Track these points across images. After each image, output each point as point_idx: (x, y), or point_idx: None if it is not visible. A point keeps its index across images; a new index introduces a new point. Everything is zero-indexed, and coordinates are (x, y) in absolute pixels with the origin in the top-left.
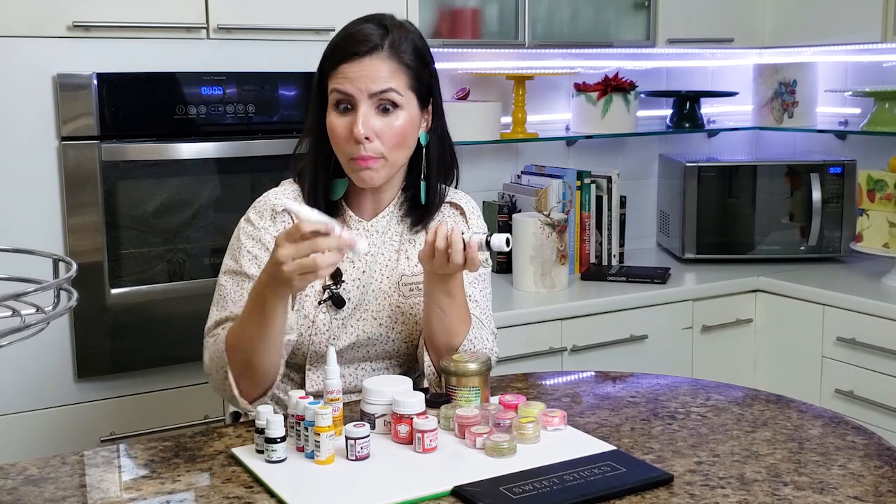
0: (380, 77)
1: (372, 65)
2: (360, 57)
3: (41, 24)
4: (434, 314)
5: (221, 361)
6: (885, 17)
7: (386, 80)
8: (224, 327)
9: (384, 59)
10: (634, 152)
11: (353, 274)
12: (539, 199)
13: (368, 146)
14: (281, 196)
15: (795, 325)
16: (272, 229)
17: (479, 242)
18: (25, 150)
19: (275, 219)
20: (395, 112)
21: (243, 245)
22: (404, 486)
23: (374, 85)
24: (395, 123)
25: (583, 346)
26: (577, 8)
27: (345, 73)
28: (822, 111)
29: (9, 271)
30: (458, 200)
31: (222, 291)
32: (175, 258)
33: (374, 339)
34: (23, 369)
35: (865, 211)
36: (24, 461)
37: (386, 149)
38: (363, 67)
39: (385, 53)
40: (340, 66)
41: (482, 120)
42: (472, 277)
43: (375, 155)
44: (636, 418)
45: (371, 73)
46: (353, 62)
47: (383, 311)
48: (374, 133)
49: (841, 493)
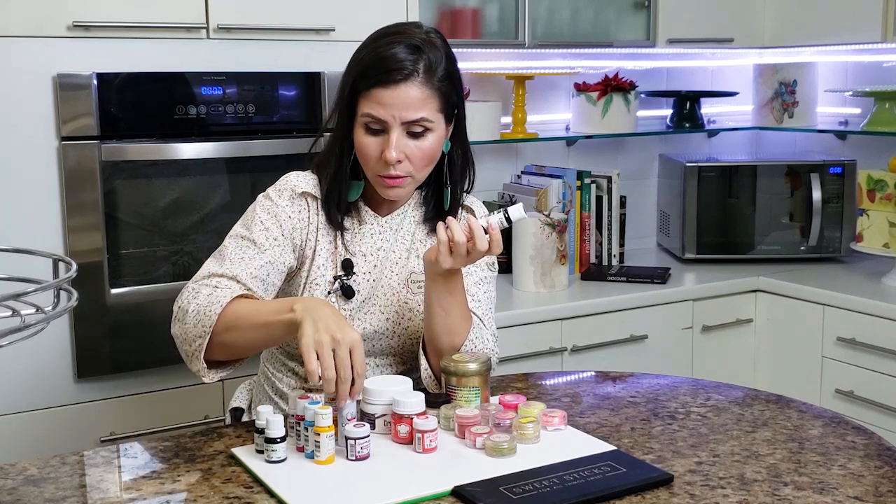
0: (413, 105)
1: (406, 92)
2: (396, 84)
3: (41, 24)
4: (437, 315)
5: (207, 320)
6: (885, 17)
7: (419, 109)
8: (218, 284)
9: (418, 87)
10: (634, 152)
11: (365, 267)
12: (539, 199)
13: (399, 167)
14: (302, 181)
15: (795, 325)
16: (289, 209)
17: (498, 221)
18: (25, 150)
19: (293, 200)
20: (425, 135)
21: (258, 215)
22: (404, 486)
23: (408, 114)
24: (424, 146)
25: (583, 346)
26: (577, 8)
27: (378, 98)
28: (822, 111)
29: (9, 271)
30: (469, 203)
31: (223, 251)
32: (175, 258)
33: (379, 334)
34: (23, 369)
35: (865, 211)
36: (24, 461)
37: (414, 169)
38: (397, 95)
39: (419, 80)
40: (373, 90)
41: (482, 120)
42: (477, 278)
43: (404, 174)
44: (636, 418)
45: (405, 101)
46: (388, 89)
47: (391, 306)
48: (405, 156)
49: (841, 493)
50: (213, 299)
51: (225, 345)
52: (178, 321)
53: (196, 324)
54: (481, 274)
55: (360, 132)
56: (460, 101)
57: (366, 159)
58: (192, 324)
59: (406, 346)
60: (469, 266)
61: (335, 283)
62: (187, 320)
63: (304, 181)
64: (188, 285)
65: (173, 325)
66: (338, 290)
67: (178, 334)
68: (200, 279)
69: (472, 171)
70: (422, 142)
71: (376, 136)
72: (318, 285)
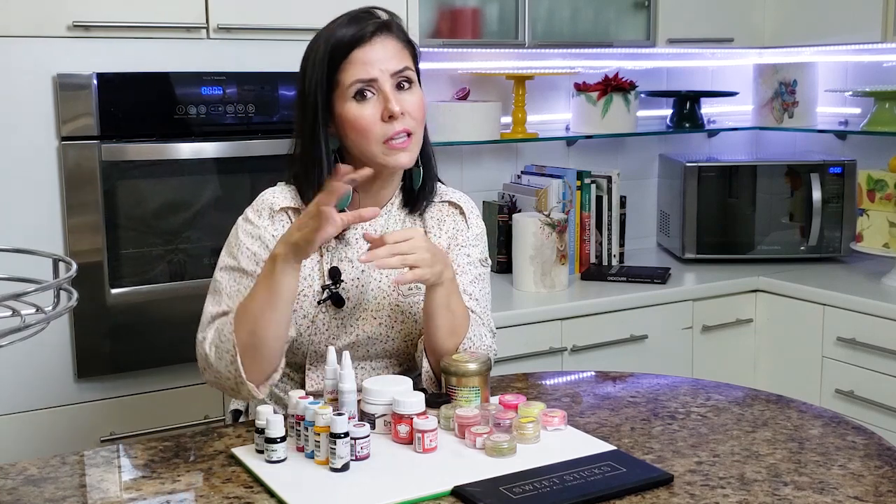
0: (395, 55)
1: (385, 43)
2: (371, 38)
3: (41, 24)
4: (442, 317)
5: (228, 344)
6: (885, 17)
7: (401, 58)
8: (221, 320)
9: (392, 38)
10: (634, 152)
11: (352, 273)
12: (539, 199)
13: (403, 121)
14: (279, 196)
15: (795, 325)
16: (270, 228)
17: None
18: (25, 150)
19: (273, 218)
20: (412, 88)
21: (242, 242)
22: (404, 486)
23: (393, 64)
24: (414, 98)
25: (583, 346)
26: (577, 8)
27: (361, 58)
28: (822, 111)
29: (9, 271)
30: (456, 200)
31: (218, 287)
32: (175, 258)
33: (373, 339)
34: (23, 369)
35: (865, 211)
36: (24, 461)
37: (415, 122)
38: (377, 48)
39: (392, 32)
40: (352, 52)
41: (482, 120)
42: (472, 276)
43: (409, 129)
44: (636, 418)
45: (387, 53)
46: (366, 45)
47: (383, 310)
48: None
49: (841, 493)
50: (222, 333)
51: (255, 349)
52: (206, 370)
53: (220, 358)
54: (475, 272)
55: (351, 106)
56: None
57: (366, 130)
58: (217, 361)
59: (402, 348)
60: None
61: (324, 292)
62: (211, 362)
63: (282, 196)
64: (197, 336)
65: (204, 375)
66: (327, 300)
67: (213, 380)
68: (205, 326)
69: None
70: (410, 94)
71: (366, 101)
72: (306, 296)
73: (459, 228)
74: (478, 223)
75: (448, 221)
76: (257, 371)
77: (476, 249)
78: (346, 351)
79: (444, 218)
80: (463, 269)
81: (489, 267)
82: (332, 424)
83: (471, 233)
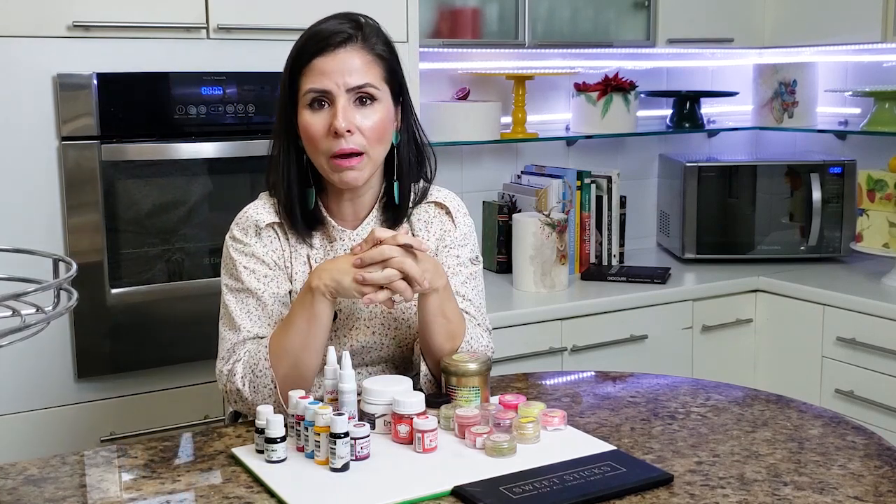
0: (356, 70)
1: (347, 56)
2: (335, 49)
3: (41, 24)
4: (439, 325)
5: (265, 379)
6: (885, 17)
7: (363, 74)
8: (245, 347)
9: (359, 51)
10: (634, 152)
11: None
12: (539, 199)
13: (350, 139)
14: (262, 212)
15: (795, 325)
16: (259, 246)
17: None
18: (25, 150)
19: (259, 234)
20: (373, 105)
21: (237, 262)
22: (404, 486)
23: (351, 79)
24: (374, 116)
25: (583, 346)
26: (577, 8)
27: (319, 67)
28: (822, 111)
29: (9, 271)
30: (442, 200)
31: (229, 311)
32: (175, 258)
33: (368, 347)
34: (23, 369)
35: (865, 211)
36: (24, 461)
37: (367, 143)
38: (338, 60)
39: (359, 44)
40: (313, 61)
41: (482, 120)
42: (463, 277)
43: (358, 149)
44: (636, 418)
45: (347, 66)
46: (327, 55)
47: (375, 318)
48: (354, 126)
49: (841, 493)
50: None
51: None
52: (236, 402)
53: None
54: (466, 272)
55: (305, 114)
56: (404, 87)
57: (313, 139)
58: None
59: (397, 354)
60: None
61: None
62: (245, 397)
63: (265, 212)
64: (221, 369)
65: (231, 405)
66: None
67: (244, 410)
68: (228, 357)
69: (429, 163)
70: (370, 111)
71: (320, 110)
72: None
73: (447, 229)
74: (465, 221)
75: (435, 223)
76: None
77: (465, 249)
78: (346, 351)
79: (431, 220)
80: (453, 270)
81: (480, 264)
82: (332, 424)
83: (458, 232)
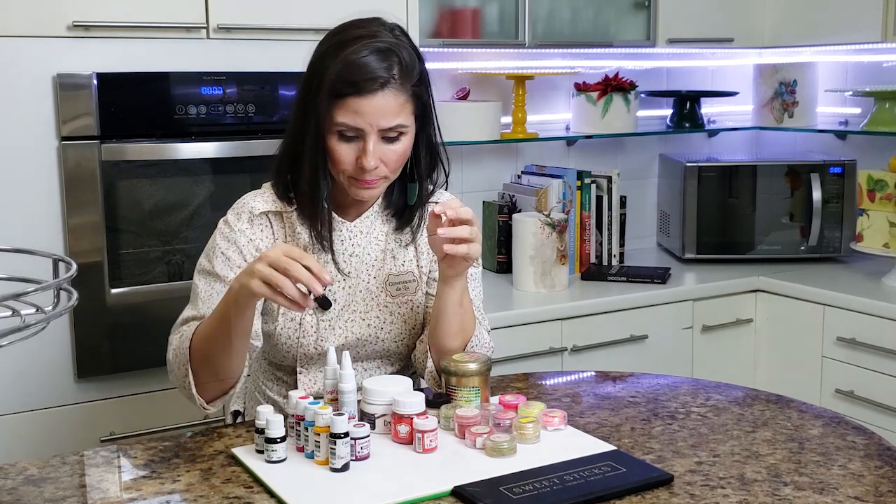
0: (390, 113)
1: (383, 100)
2: (372, 94)
3: (41, 24)
4: (455, 314)
5: (183, 358)
6: (885, 17)
7: (395, 116)
8: (190, 325)
9: (394, 94)
10: (634, 152)
11: (339, 276)
12: (539, 199)
13: (376, 171)
14: (259, 200)
15: (795, 325)
16: (248, 232)
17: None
18: (25, 150)
19: (252, 222)
20: (400, 139)
21: (218, 246)
22: (404, 486)
23: (385, 121)
24: (399, 150)
25: (583, 346)
26: (577, 8)
27: (353, 107)
28: (822, 111)
29: (9, 271)
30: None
31: (195, 290)
32: (175, 258)
33: (363, 341)
34: (23, 369)
35: (865, 211)
36: (24, 461)
37: (390, 171)
38: (373, 104)
39: (395, 87)
40: (347, 99)
41: (482, 120)
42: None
43: (380, 177)
44: (636, 418)
45: (381, 110)
46: (363, 98)
47: (371, 311)
48: (380, 160)
49: (841, 493)
50: (183, 338)
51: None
52: (170, 373)
53: (179, 366)
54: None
55: (333, 139)
56: (430, 98)
57: (340, 165)
58: (176, 368)
59: (392, 349)
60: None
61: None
62: (173, 369)
63: (262, 200)
64: (170, 336)
65: (169, 376)
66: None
67: (173, 381)
68: (177, 328)
69: (444, 164)
70: (396, 146)
71: (350, 142)
72: None
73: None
74: None
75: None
76: (210, 390)
77: None
78: (347, 351)
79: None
80: None
81: (480, 266)
82: (332, 424)
83: None
